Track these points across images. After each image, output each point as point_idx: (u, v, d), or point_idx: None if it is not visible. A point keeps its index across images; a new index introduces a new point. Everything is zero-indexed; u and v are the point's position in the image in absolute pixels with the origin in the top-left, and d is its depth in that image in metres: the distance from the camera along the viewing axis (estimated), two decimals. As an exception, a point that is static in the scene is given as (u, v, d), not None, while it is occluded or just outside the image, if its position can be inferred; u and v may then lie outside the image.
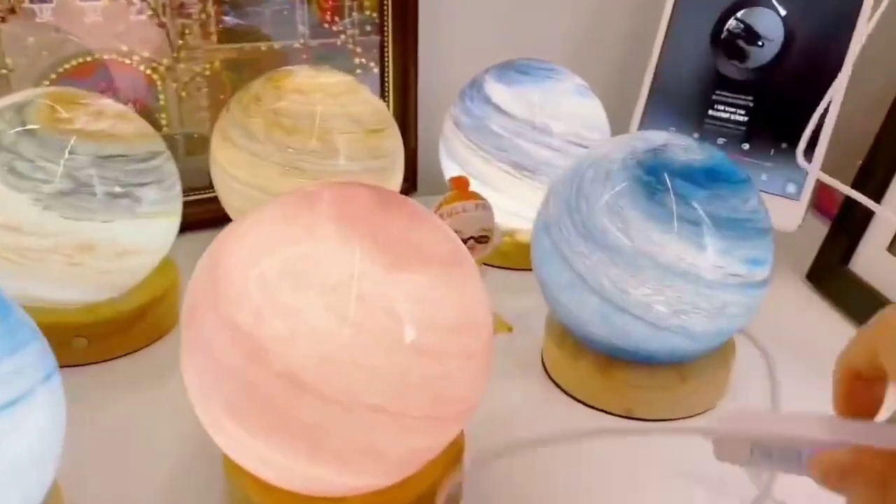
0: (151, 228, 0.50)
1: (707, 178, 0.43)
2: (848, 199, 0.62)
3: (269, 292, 0.30)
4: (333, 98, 0.55)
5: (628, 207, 0.43)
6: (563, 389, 0.50)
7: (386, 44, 0.73)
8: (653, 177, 0.43)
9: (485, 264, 0.57)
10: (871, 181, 0.59)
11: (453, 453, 0.40)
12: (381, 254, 0.31)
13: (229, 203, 0.58)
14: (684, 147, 0.45)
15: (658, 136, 0.46)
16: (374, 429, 0.31)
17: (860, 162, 0.62)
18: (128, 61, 0.64)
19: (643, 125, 0.70)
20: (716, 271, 0.42)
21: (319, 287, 0.30)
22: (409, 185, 0.79)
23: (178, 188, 0.52)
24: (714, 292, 0.43)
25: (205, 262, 0.34)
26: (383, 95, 0.74)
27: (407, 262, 0.32)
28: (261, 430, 0.31)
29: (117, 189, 0.47)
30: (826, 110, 0.60)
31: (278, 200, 0.34)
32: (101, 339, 0.50)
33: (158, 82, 0.66)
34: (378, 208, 0.33)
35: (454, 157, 0.64)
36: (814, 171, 0.51)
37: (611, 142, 0.47)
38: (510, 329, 0.57)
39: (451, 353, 0.32)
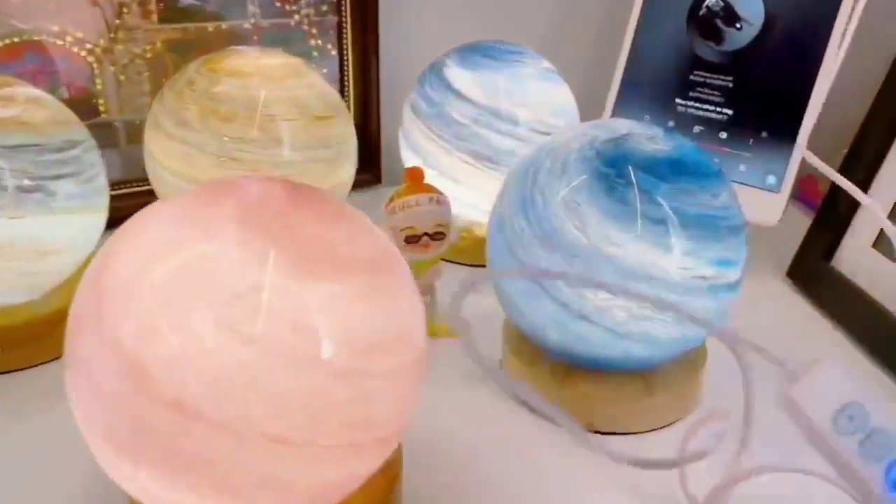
0: (71, 225, 0.45)
1: (673, 170, 0.39)
2: (832, 190, 0.58)
3: (156, 305, 0.26)
4: (275, 82, 0.51)
5: (586, 203, 0.39)
6: (520, 399, 0.46)
7: (344, 24, 0.68)
8: (613, 169, 0.39)
9: (442, 259, 0.53)
10: (856, 171, 0.56)
11: (388, 478, 0.36)
12: (289, 260, 0.27)
13: (164, 196, 0.53)
14: (649, 136, 0.41)
15: (621, 125, 0.42)
16: (276, 460, 0.27)
17: (845, 151, 0.58)
18: (60, 42, 0.59)
19: (616, 114, 0.66)
20: (681, 273, 0.38)
21: (213, 299, 0.26)
22: (373, 178, 0.74)
23: (103, 181, 0.48)
24: (679, 296, 0.39)
25: (91, 268, 0.30)
26: (342, 81, 0.70)
27: (320, 270, 0.28)
28: (147, 463, 0.27)
29: (27, 182, 0.42)
30: (810, 94, 0.56)
31: (177, 197, 0.30)
32: (17, 346, 0.46)
33: (95, 65, 0.61)
34: (290, 207, 0.29)
35: (413, 146, 0.60)
36: (829, 171, 0.47)
37: (571, 130, 0.43)
38: (456, 336, 0.53)
39: (371, 373, 0.28)
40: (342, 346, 0.27)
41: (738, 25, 0.60)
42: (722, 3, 0.61)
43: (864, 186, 0.55)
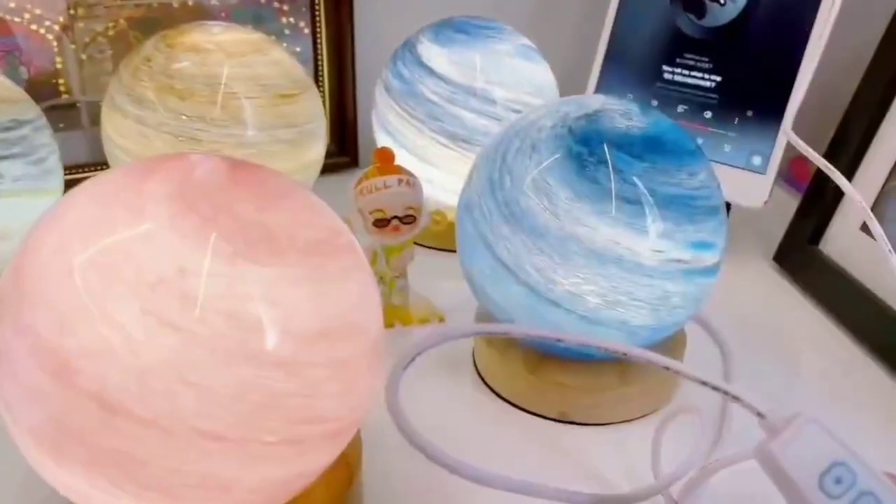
0: (20, 208, 0.43)
1: (647, 148, 0.37)
2: (819, 173, 0.56)
3: (76, 292, 0.24)
4: (237, 58, 0.48)
5: (556, 183, 0.37)
6: (493, 390, 0.44)
7: (317, 0, 0.65)
8: (585, 147, 0.37)
9: (415, 243, 0.51)
10: (842, 154, 0.54)
11: (344, 471, 0.34)
12: (225, 241, 0.25)
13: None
14: (623, 112, 0.39)
15: (594, 100, 0.40)
16: (210, 458, 0.25)
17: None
18: (18, 20, 0.57)
19: (598, 93, 0.63)
20: (656, 256, 0.36)
21: (139, 284, 0.24)
22: (349, 161, 0.72)
23: (55, 161, 0.45)
24: (654, 281, 0.37)
25: (15, 253, 0.28)
26: (316, 61, 0.68)
27: (259, 252, 0.26)
28: (71, 460, 0.25)
29: (-32, 163, 0.40)
30: (797, 72, 0.54)
31: (107, 174, 0.28)
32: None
33: (55, 44, 0.59)
34: (228, 184, 0.27)
35: (385, 126, 0.58)
36: (807, 150, 0.45)
37: (543, 107, 0.41)
38: (442, 319, 0.51)
39: (316, 363, 0.26)
40: (282, 334, 0.25)
41: (721, 1, 0.58)
42: (706, -23, 0.59)
43: (852, 169, 0.53)
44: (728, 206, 0.62)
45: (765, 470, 0.21)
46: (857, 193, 0.42)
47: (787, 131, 0.44)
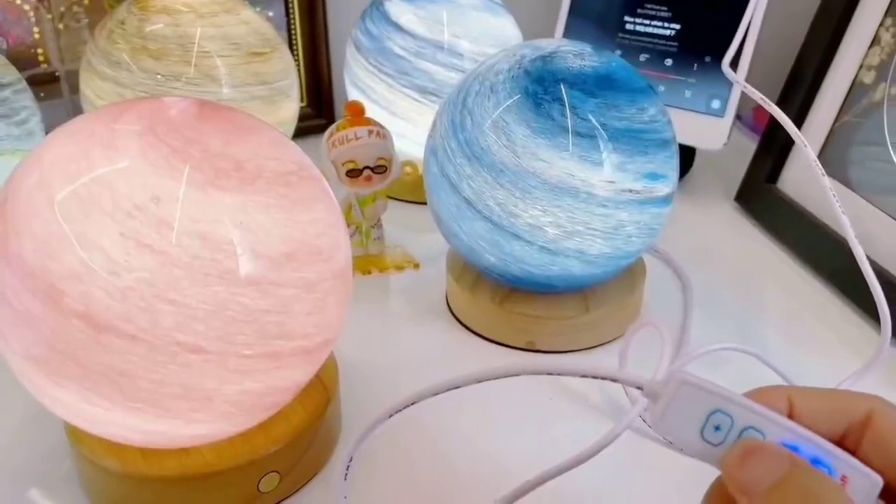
0: (2, 167, 0.45)
1: (599, 85, 0.39)
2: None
3: (58, 220, 0.26)
4: (208, 18, 0.50)
5: (513, 121, 0.39)
6: (465, 326, 0.47)
7: (286, -37, 0.67)
8: (540, 87, 0.39)
9: (388, 197, 0.53)
10: (795, 97, 0.56)
11: (321, 394, 0.36)
12: (196, 171, 0.27)
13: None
14: (577, 53, 0.40)
15: (549, 43, 0.41)
16: (193, 369, 0.27)
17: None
18: (-8, -10, 0.58)
19: (564, 45, 0.65)
20: (610, 187, 0.39)
21: (117, 211, 0.26)
22: (325, 121, 0.74)
23: (36, 123, 0.47)
24: (608, 211, 0.39)
25: (1, 192, 0.29)
26: (289, 24, 0.69)
27: (226, 181, 0.28)
28: (64, 377, 0.27)
29: (-48, 123, 0.42)
30: (750, 19, 0.56)
31: (82, 116, 0.30)
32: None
33: (31, 14, 0.60)
34: (195, 120, 0.29)
35: (357, 83, 0.60)
36: (740, 81, 0.47)
37: (501, 52, 0.43)
38: (417, 265, 0.54)
39: (284, 282, 0.29)
40: (252, 255, 0.28)
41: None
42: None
43: (804, 110, 0.55)
44: (692, 151, 0.65)
45: (661, 435, 0.22)
46: (803, 137, 0.44)
47: (740, 81, 0.46)
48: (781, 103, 0.56)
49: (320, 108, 0.73)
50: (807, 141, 0.55)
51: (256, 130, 0.30)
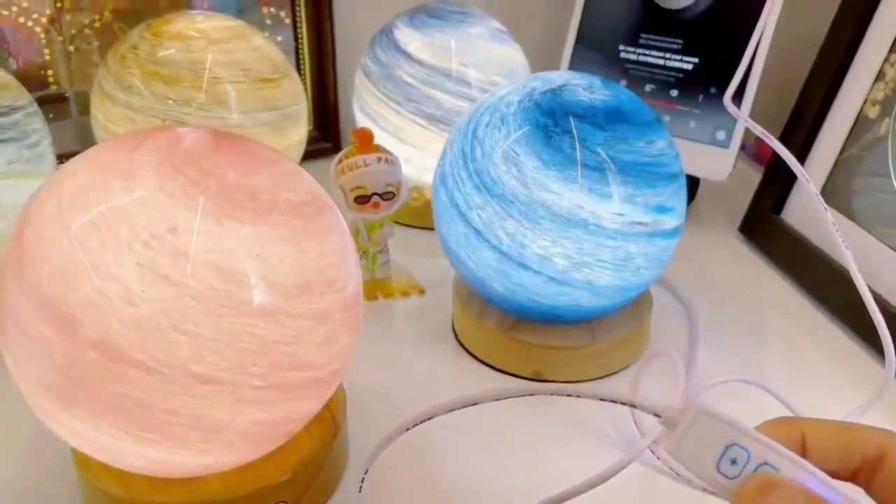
0: (13, 191, 0.45)
1: (608, 118, 0.40)
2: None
3: (75, 249, 0.27)
4: (219, 45, 0.50)
5: (524, 153, 0.39)
6: (471, 353, 0.47)
7: (296, -9, 0.68)
8: (550, 119, 0.39)
9: (396, 222, 0.54)
10: (799, 130, 0.56)
11: (329, 424, 0.36)
12: (211, 202, 0.28)
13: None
14: (586, 86, 0.41)
15: (558, 76, 0.42)
16: (205, 400, 0.27)
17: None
18: (6, 12, 0.59)
19: (570, 74, 0.66)
20: (618, 220, 0.39)
21: (134, 241, 0.26)
22: (332, 147, 0.74)
23: (47, 146, 0.47)
24: (616, 243, 0.39)
25: (17, 219, 0.30)
26: (297, 50, 0.70)
27: (243, 212, 0.28)
28: (77, 407, 0.27)
29: (-36, 147, 0.42)
30: (755, 53, 0.56)
31: (99, 145, 0.30)
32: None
33: (43, 36, 0.60)
34: (211, 151, 0.29)
35: (365, 110, 0.60)
36: (742, 117, 0.48)
37: (511, 84, 0.44)
38: (422, 291, 0.54)
39: (298, 314, 0.29)
40: (266, 286, 0.28)
41: (684, -18, 0.61)
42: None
43: (808, 144, 0.56)
44: (697, 181, 0.65)
45: (677, 461, 0.22)
46: (804, 172, 0.44)
47: (741, 116, 0.47)
48: (785, 136, 0.57)
49: (326, 132, 0.73)
50: (811, 172, 0.56)
51: (272, 161, 0.31)
